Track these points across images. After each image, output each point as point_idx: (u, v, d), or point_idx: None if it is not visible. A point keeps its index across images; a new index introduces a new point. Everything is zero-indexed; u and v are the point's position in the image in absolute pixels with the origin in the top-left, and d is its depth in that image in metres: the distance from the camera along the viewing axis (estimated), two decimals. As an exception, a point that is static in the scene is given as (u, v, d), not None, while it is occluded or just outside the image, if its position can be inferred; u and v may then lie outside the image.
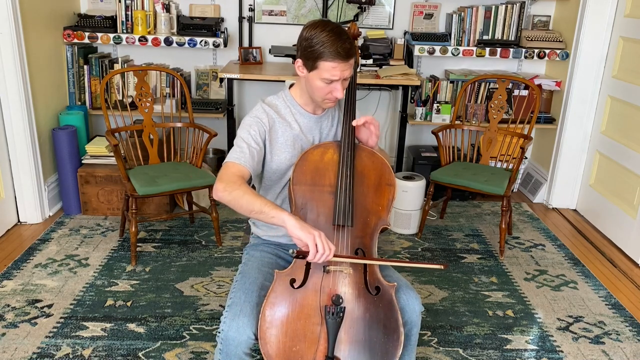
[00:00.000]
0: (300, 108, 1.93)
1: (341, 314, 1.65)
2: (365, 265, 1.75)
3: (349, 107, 1.90)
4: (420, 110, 4.03)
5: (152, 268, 3.00)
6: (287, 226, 1.60)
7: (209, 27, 3.88)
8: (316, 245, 1.56)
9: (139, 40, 3.80)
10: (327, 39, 1.72)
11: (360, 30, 2.06)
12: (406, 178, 3.53)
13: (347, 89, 1.94)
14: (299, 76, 1.88)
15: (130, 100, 3.86)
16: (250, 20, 4.08)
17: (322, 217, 1.77)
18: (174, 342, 2.41)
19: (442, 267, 1.71)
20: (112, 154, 3.51)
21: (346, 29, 1.85)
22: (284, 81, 3.57)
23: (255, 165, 1.82)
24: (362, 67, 3.91)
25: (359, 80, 3.72)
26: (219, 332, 1.68)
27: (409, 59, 4.07)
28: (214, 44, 3.82)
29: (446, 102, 4.02)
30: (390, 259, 1.78)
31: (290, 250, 1.66)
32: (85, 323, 2.51)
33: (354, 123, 1.84)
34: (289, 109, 1.92)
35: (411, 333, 1.82)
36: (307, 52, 1.76)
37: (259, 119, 1.87)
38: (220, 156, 4.19)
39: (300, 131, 1.92)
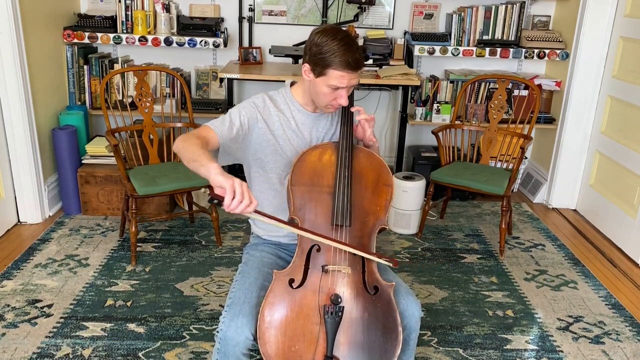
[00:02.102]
0: (299, 106, 1.93)
1: (340, 314, 1.66)
2: (363, 265, 1.75)
3: (347, 108, 1.91)
4: (420, 110, 4.03)
5: (152, 268, 3.00)
6: (210, 173, 1.54)
7: (209, 27, 3.88)
8: (234, 191, 1.49)
9: (139, 40, 3.80)
10: (338, 48, 1.72)
11: (357, 33, 2.07)
12: (406, 178, 3.52)
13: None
14: (302, 77, 1.88)
15: (130, 100, 3.87)
16: (250, 20, 4.08)
17: (321, 217, 1.78)
18: (174, 342, 2.41)
19: (392, 264, 1.73)
20: (112, 154, 3.51)
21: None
22: (283, 81, 3.56)
23: (229, 142, 1.79)
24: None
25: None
26: (218, 332, 1.68)
27: (409, 59, 4.07)
28: (214, 44, 3.82)
29: (446, 102, 4.02)
30: (343, 243, 1.76)
31: (202, 190, 1.63)
32: (85, 323, 2.52)
33: (353, 109, 1.89)
34: (287, 105, 1.93)
35: (410, 338, 1.82)
36: (316, 58, 1.77)
37: (254, 105, 1.88)
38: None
39: (297, 127, 1.92)
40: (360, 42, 3.99)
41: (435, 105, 4.00)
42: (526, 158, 4.39)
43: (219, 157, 1.84)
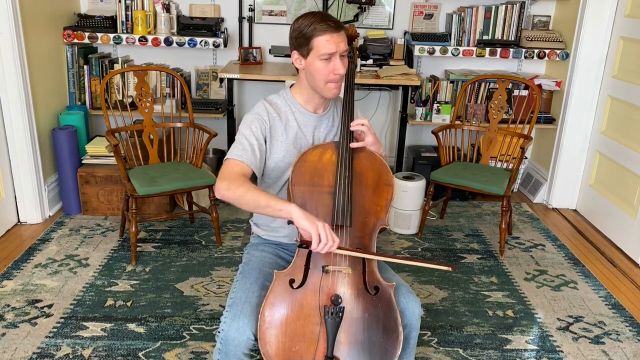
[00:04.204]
0: (300, 106, 1.93)
1: (340, 314, 1.66)
2: (364, 265, 1.75)
3: (347, 107, 1.90)
4: (420, 110, 4.03)
5: (152, 268, 3.00)
6: (294, 217, 1.61)
7: (209, 27, 3.88)
8: (319, 235, 1.58)
9: (139, 40, 3.80)
10: (315, 19, 1.79)
11: (358, 32, 2.07)
12: (406, 178, 3.52)
13: (345, 89, 1.94)
14: (298, 75, 1.90)
15: (130, 100, 3.86)
16: (250, 20, 4.08)
17: (321, 218, 1.76)
18: (174, 342, 2.41)
19: (450, 268, 1.71)
20: (112, 154, 3.51)
21: None
22: (284, 81, 3.57)
23: (258, 163, 1.83)
24: (362, 67, 3.91)
25: (359, 81, 3.72)
26: (219, 332, 1.68)
27: (409, 59, 4.07)
28: (214, 44, 3.82)
29: (446, 102, 4.02)
30: (395, 255, 1.78)
31: (295, 239, 1.67)
32: (85, 323, 2.52)
33: (352, 128, 1.86)
34: (289, 107, 1.93)
35: (410, 336, 1.81)
36: (299, 40, 1.81)
37: (260, 116, 1.88)
38: (220, 156, 4.19)
39: (299, 129, 1.92)
40: (361, 41, 3.99)
41: (435, 105, 4.00)
42: (526, 158, 4.39)
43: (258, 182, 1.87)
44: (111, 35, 3.80)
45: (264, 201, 1.65)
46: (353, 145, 1.85)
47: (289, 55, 3.85)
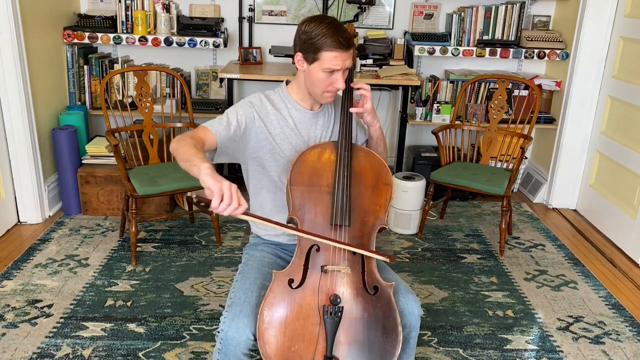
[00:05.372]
0: (295, 103, 1.93)
1: (339, 314, 1.66)
2: (363, 264, 1.75)
3: (346, 106, 1.90)
4: (420, 110, 4.02)
5: (152, 268, 3.00)
6: (201, 174, 1.50)
7: (209, 27, 3.88)
8: (222, 194, 1.47)
9: (139, 40, 3.80)
10: (327, 30, 1.75)
11: (356, 31, 2.07)
12: (406, 178, 3.52)
13: (344, 89, 1.94)
14: (297, 74, 1.89)
15: (130, 100, 3.87)
16: (250, 20, 4.09)
17: (320, 217, 1.77)
18: (174, 342, 2.41)
19: (388, 260, 1.70)
20: (112, 154, 3.51)
21: None
22: (284, 81, 3.57)
23: (227, 141, 1.79)
24: (362, 67, 3.91)
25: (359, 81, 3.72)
26: (219, 332, 1.68)
27: (409, 59, 4.07)
28: (214, 44, 3.82)
29: (446, 102, 4.02)
30: (337, 241, 1.74)
31: (189, 193, 1.58)
32: (85, 323, 2.52)
33: (354, 86, 1.89)
34: (284, 103, 1.93)
35: (410, 336, 1.81)
36: (307, 45, 1.78)
37: (251, 104, 1.89)
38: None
39: (295, 126, 1.92)
40: (360, 41, 3.99)
41: (435, 105, 4.00)
42: (526, 158, 4.38)
43: (216, 157, 1.83)
44: (111, 35, 3.80)
45: (188, 155, 1.58)
46: (353, 110, 1.87)
47: (288, 56, 3.90)
